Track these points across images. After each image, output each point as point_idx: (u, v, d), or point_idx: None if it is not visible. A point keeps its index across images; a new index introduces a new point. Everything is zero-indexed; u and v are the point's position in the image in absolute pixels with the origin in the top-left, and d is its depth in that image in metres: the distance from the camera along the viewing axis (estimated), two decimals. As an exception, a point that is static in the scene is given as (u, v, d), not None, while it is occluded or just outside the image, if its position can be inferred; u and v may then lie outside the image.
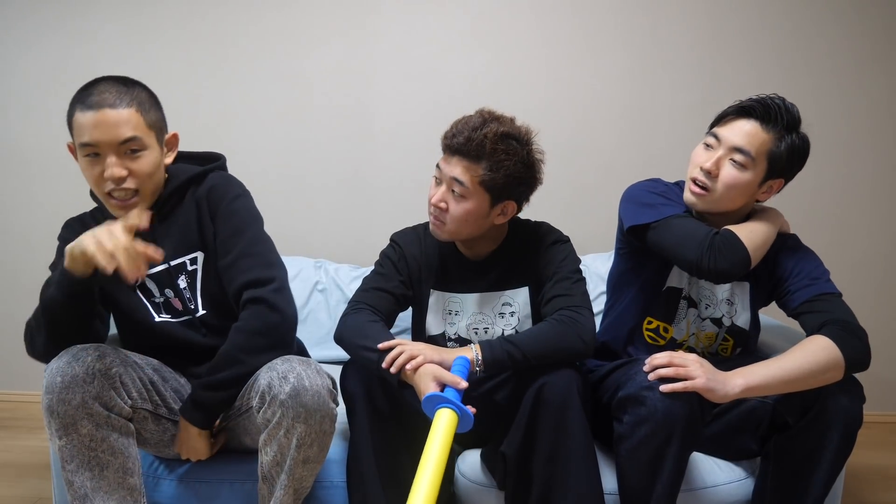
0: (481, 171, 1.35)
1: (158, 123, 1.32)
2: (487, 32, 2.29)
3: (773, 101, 1.34)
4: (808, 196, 2.32)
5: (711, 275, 1.32)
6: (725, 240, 1.32)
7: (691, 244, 1.32)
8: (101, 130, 1.23)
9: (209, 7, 2.28)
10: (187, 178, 1.39)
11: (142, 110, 1.27)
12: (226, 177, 1.44)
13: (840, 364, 1.23)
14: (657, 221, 1.39)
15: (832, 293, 1.35)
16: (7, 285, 2.42)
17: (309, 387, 1.18)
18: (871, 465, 2.08)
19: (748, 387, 1.23)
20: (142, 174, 1.28)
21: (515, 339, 1.29)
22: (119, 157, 1.25)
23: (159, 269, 1.37)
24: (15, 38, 2.30)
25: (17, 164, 2.35)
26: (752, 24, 2.28)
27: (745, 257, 1.31)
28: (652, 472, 1.23)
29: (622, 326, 1.54)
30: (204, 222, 1.38)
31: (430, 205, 1.43)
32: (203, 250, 1.38)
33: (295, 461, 1.20)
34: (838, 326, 1.28)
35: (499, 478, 1.36)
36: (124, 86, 1.28)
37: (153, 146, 1.30)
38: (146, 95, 1.31)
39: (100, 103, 1.23)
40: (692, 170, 1.41)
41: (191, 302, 1.38)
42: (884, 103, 2.32)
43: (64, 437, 1.16)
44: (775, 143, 1.34)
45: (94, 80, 1.30)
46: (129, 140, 1.25)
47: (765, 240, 1.36)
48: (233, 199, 1.38)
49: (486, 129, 1.34)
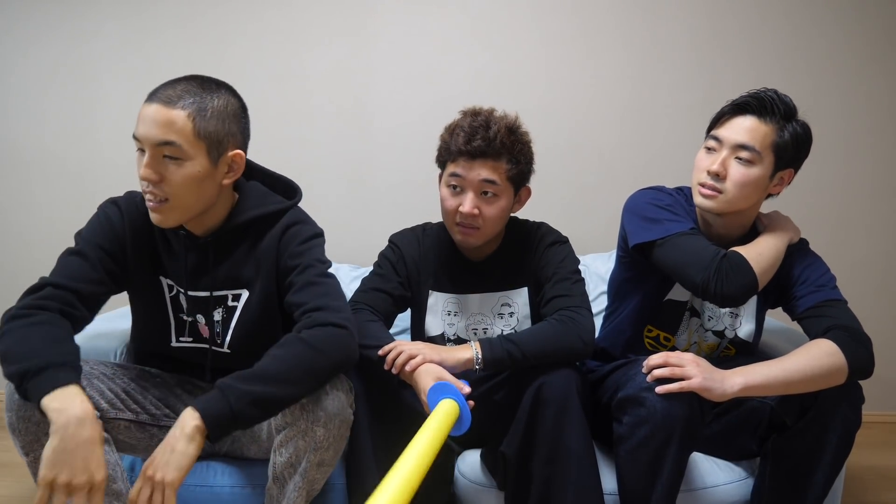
0: (506, 166, 1.38)
1: (216, 136, 1.19)
2: (487, 32, 2.29)
3: (767, 94, 1.33)
4: (808, 196, 2.31)
5: (717, 299, 1.30)
6: (733, 263, 1.29)
7: (698, 266, 1.30)
8: (145, 126, 1.16)
9: (209, 7, 2.28)
10: (258, 216, 1.31)
11: (199, 117, 1.16)
12: (304, 217, 1.37)
13: (843, 369, 1.22)
14: (663, 238, 1.36)
15: (838, 300, 1.34)
16: (7, 285, 2.42)
17: (329, 391, 1.17)
18: (871, 465, 2.08)
19: (747, 385, 1.22)
20: (173, 184, 1.18)
21: (515, 338, 1.29)
22: (155, 158, 1.17)
23: (200, 294, 1.33)
24: (15, 38, 2.30)
25: (16, 165, 2.35)
26: (752, 24, 2.28)
27: (752, 282, 1.28)
28: (651, 472, 1.23)
29: (622, 334, 1.54)
30: (265, 262, 1.31)
31: (454, 216, 1.40)
32: (249, 289, 1.34)
33: (311, 464, 1.19)
34: (844, 332, 1.26)
35: (499, 478, 1.36)
36: (201, 87, 1.19)
37: (198, 158, 1.18)
38: (221, 105, 1.20)
39: (158, 96, 1.16)
40: (698, 175, 1.38)
41: (219, 336, 1.35)
42: (884, 103, 2.31)
43: (31, 453, 1.13)
44: (777, 134, 1.33)
45: (187, 76, 1.22)
46: (166, 143, 1.15)
47: (773, 261, 1.33)
48: (313, 239, 1.32)
49: (495, 127, 1.36)
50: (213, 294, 1.33)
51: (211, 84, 1.22)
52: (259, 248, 1.32)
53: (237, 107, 1.25)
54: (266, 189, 1.38)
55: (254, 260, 1.32)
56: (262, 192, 1.36)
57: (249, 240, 1.32)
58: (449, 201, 1.41)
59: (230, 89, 1.25)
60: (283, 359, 1.13)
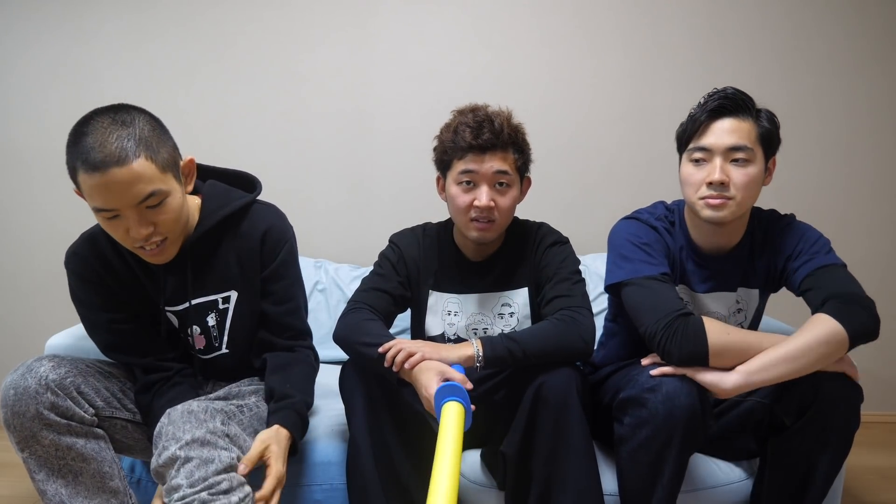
0: (513, 156, 1.40)
1: (172, 159, 1.18)
2: (487, 32, 2.29)
3: (731, 92, 1.32)
4: (808, 196, 2.32)
5: (661, 354, 1.25)
6: (689, 328, 1.22)
7: (653, 315, 1.26)
8: (114, 195, 1.10)
9: (208, 7, 2.28)
10: (228, 214, 1.32)
11: (152, 154, 1.12)
12: (277, 214, 1.40)
13: (842, 338, 1.19)
14: (630, 279, 1.33)
15: (833, 264, 1.31)
16: (7, 285, 2.42)
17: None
18: (871, 465, 2.08)
19: (748, 372, 1.20)
20: (168, 223, 1.18)
21: (517, 336, 1.29)
22: (140, 215, 1.14)
23: (185, 307, 1.35)
24: (15, 38, 2.30)
25: (16, 165, 2.35)
26: (752, 23, 2.28)
27: (699, 354, 1.21)
28: (652, 474, 1.23)
29: (619, 358, 1.52)
30: (246, 261, 1.34)
31: (468, 212, 1.40)
32: (237, 289, 1.36)
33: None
34: (839, 300, 1.23)
35: (499, 478, 1.36)
36: (123, 126, 1.11)
37: (173, 188, 1.17)
38: (149, 129, 1.14)
39: (105, 162, 1.07)
40: (696, 190, 1.33)
41: (216, 340, 1.38)
42: (884, 103, 2.31)
43: (26, 449, 1.15)
44: (757, 126, 1.32)
45: (85, 118, 1.13)
46: (148, 197, 1.12)
47: (743, 348, 1.23)
48: (288, 242, 1.39)
49: (498, 120, 1.38)
50: (192, 304, 1.34)
51: (123, 115, 1.13)
52: (237, 247, 1.34)
53: (152, 119, 1.18)
54: (225, 186, 1.39)
55: (235, 259, 1.34)
56: (223, 190, 1.37)
57: (225, 240, 1.34)
58: (462, 197, 1.40)
59: (134, 108, 1.17)
60: (309, 376, 1.40)
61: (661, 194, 1.61)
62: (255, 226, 1.35)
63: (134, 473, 1.46)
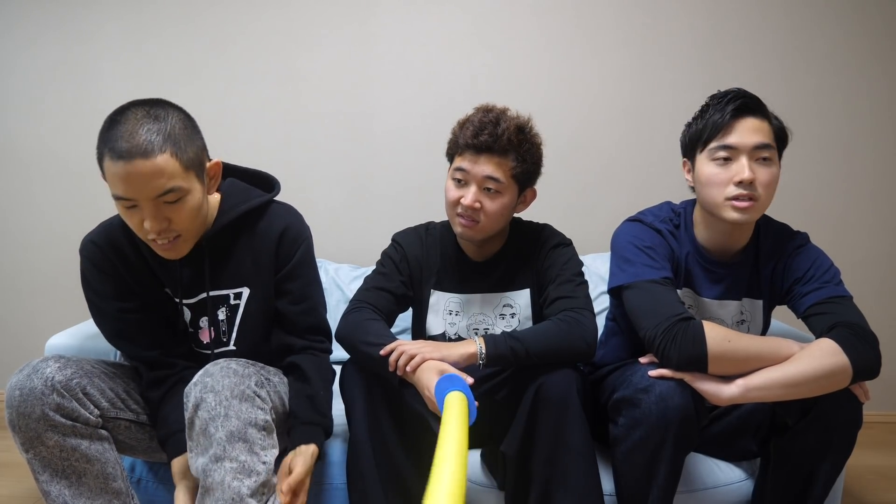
0: (511, 163, 1.38)
1: (197, 159, 1.19)
2: (487, 32, 2.29)
3: (747, 93, 1.32)
4: (808, 196, 2.32)
5: (659, 358, 1.24)
6: (689, 331, 1.21)
7: (653, 319, 1.25)
8: (134, 185, 1.11)
9: (208, 7, 2.28)
10: (245, 212, 1.34)
11: (177, 151, 1.13)
12: (294, 214, 1.42)
13: (847, 370, 1.18)
14: (631, 283, 1.32)
15: (843, 296, 1.30)
16: (7, 285, 2.42)
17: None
18: (871, 465, 2.08)
19: (748, 387, 1.20)
20: (181, 221, 1.18)
21: (519, 335, 1.29)
22: (157, 208, 1.15)
23: (199, 299, 1.35)
24: (15, 38, 2.30)
25: (15, 165, 2.35)
26: (752, 23, 2.28)
27: (698, 357, 1.19)
28: (647, 474, 1.23)
29: (618, 358, 1.51)
30: (261, 259, 1.35)
31: (455, 207, 1.40)
32: (250, 286, 1.36)
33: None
34: (847, 330, 1.22)
35: (499, 478, 1.36)
36: (155, 121, 1.13)
37: (194, 188, 1.19)
38: (180, 126, 1.16)
39: (131, 152, 1.09)
40: (722, 190, 1.29)
41: (224, 335, 1.38)
42: (884, 103, 2.31)
43: (30, 449, 1.15)
44: (772, 124, 1.32)
45: (122, 108, 1.15)
46: (167, 192, 1.14)
47: (744, 357, 1.21)
48: (305, 242, 1.40)
49: (505, 124, 1.36)
50: (209, 295, 1.34)
51: (158, 110, 1.15)
52: (253, 245, 1.35)
53: (186, 117, 1.20)
54: (245, 184, 1.40)
55: (250, 256, 1.35)
56: (243, 188, 1.39)
57: (242, 237, 1.35)
58: (452, 192, 1.41)
59: (170, 104, 1.19)
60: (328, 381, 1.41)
61: (662, 194, 1.60)
62: (272, 225, 1.37)
63: (134, 473, 1.46)
